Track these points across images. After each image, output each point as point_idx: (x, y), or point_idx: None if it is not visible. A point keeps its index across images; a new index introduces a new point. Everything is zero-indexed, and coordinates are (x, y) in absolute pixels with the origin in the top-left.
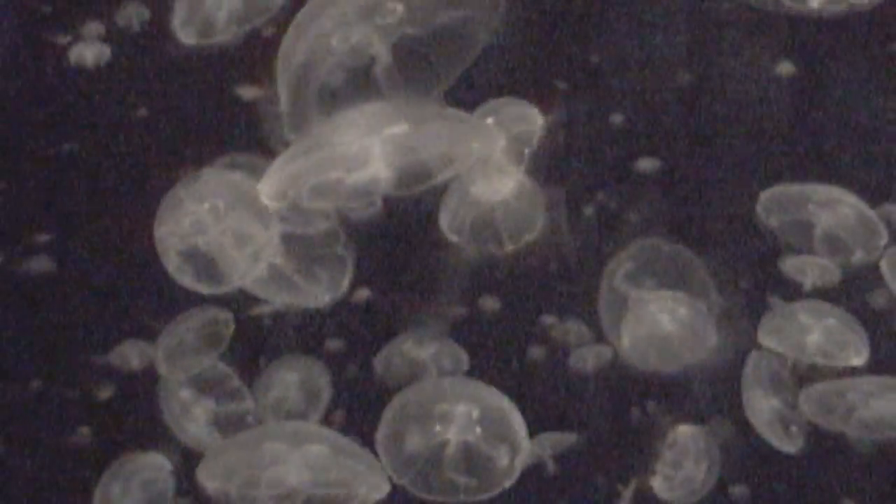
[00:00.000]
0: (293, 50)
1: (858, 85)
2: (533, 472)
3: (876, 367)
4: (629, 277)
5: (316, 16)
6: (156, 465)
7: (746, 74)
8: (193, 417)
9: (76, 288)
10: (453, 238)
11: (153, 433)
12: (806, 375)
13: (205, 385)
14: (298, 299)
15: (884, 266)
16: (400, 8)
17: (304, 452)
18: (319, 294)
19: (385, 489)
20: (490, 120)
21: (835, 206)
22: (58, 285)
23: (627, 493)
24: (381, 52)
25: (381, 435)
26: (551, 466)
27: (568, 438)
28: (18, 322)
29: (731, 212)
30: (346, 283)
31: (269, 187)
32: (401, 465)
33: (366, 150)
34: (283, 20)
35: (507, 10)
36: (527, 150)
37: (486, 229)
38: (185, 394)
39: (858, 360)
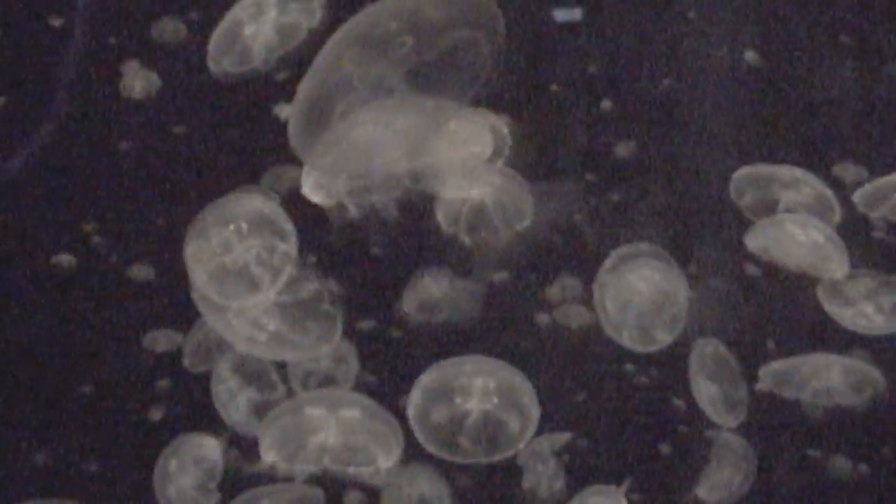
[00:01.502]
0: (312, 89)
1: (820, 69)
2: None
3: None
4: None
5: (333, 58)
6: (208, 444)
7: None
8: (238, 405)
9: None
10: (451, 230)
11: (205, 417)
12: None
13: (249, 375)
14: (297, 355)
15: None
16: (410, 40)
17: (341, 416)
18: (314, 348)
19: (397, 454)
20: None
21: (798, 187)
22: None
23: (622, 490)
24: (396, 82)
25: (411, 410)
26: (563, 461)
27: (564, 437)
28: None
29: (704, 193)
30: (337, 336)
31: (310, 183)
32: (429, 435)
33: (378, 136)
34: (316, 43)
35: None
36: (506, 146)
37: (481, 220)
38: (233, 383)
39: (839, 273)
